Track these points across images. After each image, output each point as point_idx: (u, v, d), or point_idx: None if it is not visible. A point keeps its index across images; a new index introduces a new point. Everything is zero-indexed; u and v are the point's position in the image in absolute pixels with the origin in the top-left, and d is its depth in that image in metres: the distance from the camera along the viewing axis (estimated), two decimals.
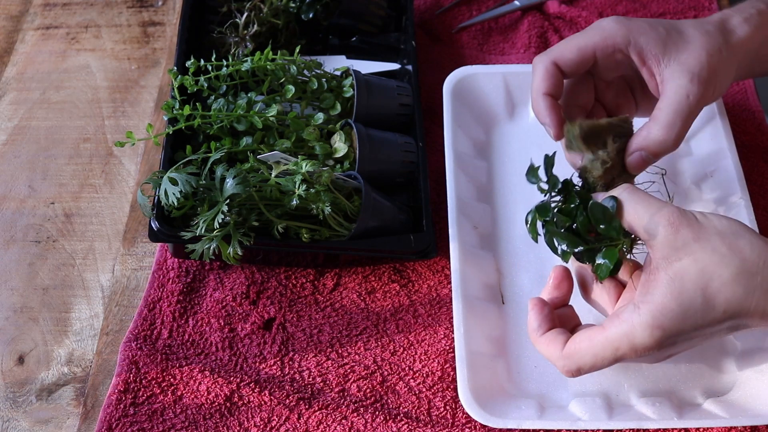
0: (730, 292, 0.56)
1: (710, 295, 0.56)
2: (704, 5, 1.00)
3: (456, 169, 0.79)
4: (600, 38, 0.69)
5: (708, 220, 0.59)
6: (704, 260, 0.56)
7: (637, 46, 0.68)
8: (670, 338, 0.57)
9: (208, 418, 0.70)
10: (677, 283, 0.57)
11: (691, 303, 0.56)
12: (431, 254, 0.75)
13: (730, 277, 0.56)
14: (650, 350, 0.58)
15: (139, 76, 0.96)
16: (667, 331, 0.57)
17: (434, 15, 1.00)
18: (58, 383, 0.74)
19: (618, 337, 0.58)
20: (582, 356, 0.60)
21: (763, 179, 0.84)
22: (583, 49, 0.69)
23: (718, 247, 0.57)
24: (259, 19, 0.87)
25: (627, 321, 0.58)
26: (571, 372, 0.61)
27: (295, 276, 0.78)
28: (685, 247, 0.57)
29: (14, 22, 1.02)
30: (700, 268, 0.56)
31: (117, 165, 0.88)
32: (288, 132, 0.79)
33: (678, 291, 0.57)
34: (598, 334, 0.60)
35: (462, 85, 0.85)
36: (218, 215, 0.68)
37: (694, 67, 0.67)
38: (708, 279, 0.56)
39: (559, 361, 0.61)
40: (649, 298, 0.58)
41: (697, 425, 0.67)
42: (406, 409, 0.71)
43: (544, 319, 0.64)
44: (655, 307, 0.57)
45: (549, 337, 0.63)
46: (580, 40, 0.69)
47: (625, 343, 0.58)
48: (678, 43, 0.68)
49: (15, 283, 0.80)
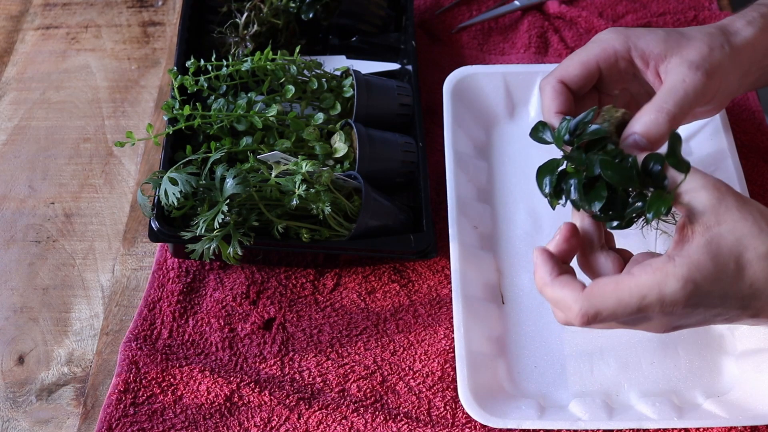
0: (759, 268, 0.56)
1: (742, 264, 0.56)
2: (704, 5, 1.00)
3: (456, 169, 0.79)
4: (600, 49, 0.69)
5: (750, 199, 0.59)
6: (743, 230, 0.56)
7: (638, 49, 0.68)
8: (698, 297, 0.57)
9: (208, 418, 0.70)
10: (714, 245, 0.56)
11: (725, 266, 0.56)
12: (431, 254, 0.75)
13: (764, 253, 0.56)
14: (677, 305, 0.57)
15: (139, 76, 0.96)
16: (699, 287, 0.56)
17: (434, 15, 1.00)
18: (58, 383, 0.74)
19: (649, 284, 0.56)
20: (605, 299, 0.57)
21: (763, 179, 0.84)
22: (586, 63, 0.69)
23: (759, 221, 0.57)
24: (259, 19, 0.87)
25: (660, 270, 0.57)
26: (587, 316, 0.58)
27: (295, 276, 0.78)
28: (727, 212, 0.57)
29: (14, 22, 1.02)
30: (738, 237, 0.56)
31: (117, 165, 0.88)
32: (288, 132, 0.79)
33: (714, 252, 0.56)
34: (626, 278, 0.58)
35: (462, 85, 0.85)
36: (218, 215, 0.68)
37: (694, 57, 0.67)
38: (743, 248, 0.56)
39: (576, 303, 0.58)
40: (684, 252, 0.57)
41: (697, 425, 0.67)
42: (406, 409, 0.71)
43: (556, 264, 0.61)
44: (690, 261, 0.56)
45: (564, 279, 0.60)
46: (581, 55, 0.69)
47: (655, 292, 0.56)
48: (679, 40, 0.68)
49: (15, 283, 0.80)
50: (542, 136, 0.65)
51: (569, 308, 0.59)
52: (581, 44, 0.96)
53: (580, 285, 0.59)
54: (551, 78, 0.69)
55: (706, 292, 0.57)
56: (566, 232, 0.63)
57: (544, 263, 0.61)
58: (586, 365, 0.72)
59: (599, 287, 0.58)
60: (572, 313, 0.59)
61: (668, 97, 0.65)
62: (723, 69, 0.68)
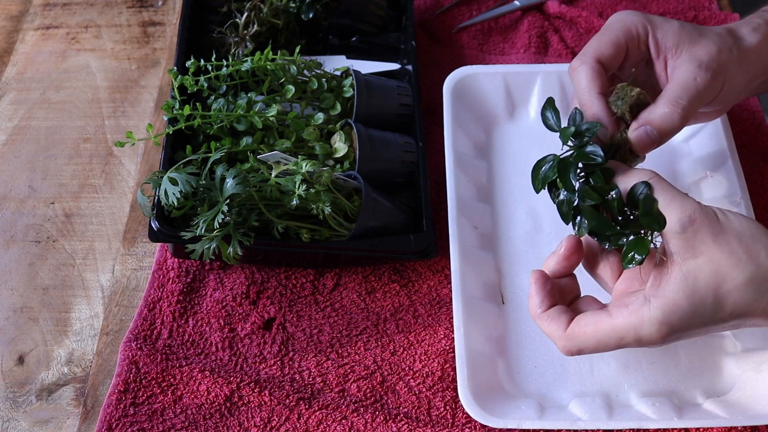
0: (740, 296, 0.56)
1: (721, 296, 0.57)
2: (704, 5, 1.00)
3: (456, 169, 0.79)
4: (626, 30, 0.68)
5: (728, 219, 0.59)
6: (720, 261, 0.57)
7: (654, 36, 0.68)
8: (675, 334, 0.58)
9: (208, 418, 0.70)
10: (690, 281, 0.57)
11: (702, 302, 0.57)
12: (431, 254, 0.75)
13: (743, 282, 0.56)
14: (654, 344, 0.59)
15: (139, 76, 0.96)
16: (675, 328, 0.57)
17: (434, 15, 1.00)
18: (58, 383, 0.74)
19: (625, 328, 0.58)
20: (585, 340, 0.60)
21: (763, 179, 0.84)
22: (616, 44, 0.68)
23: (736, 250, 0.57)
24: (259, 19, 0.87)
25: (636, 313, 0.58)
26: (571, 353, 0.62)
27: (295, 276, 0.78)
28: (702, 245, 0.57)
29: (14, 22, 1.02)
30: (715, 269, 0.57)
31: (117, 165, 0.88)
32: (288, 132, 0.79)
33: (691, 289, 0.57)
34: (604, 320, 0.60)
35: (462, 85, 0.85)
36: (218, 215, 0.68)
37: (703, 57, 0.66)
38: (721, 280, 0.57)
39: (561, 341, 0.62)
40: (660, 293, 0.58)
41: (697, 425, 0.67)
42: (406, 409, 0.71)
43: (547, 295, 0.63)
44: (665, 303, 0.57)
45: (551, 314, 0.62)
46: (611, 35, 0.68)
47: (631, 335, 0.58)
48: (692, 36, 0.68)
49: (15, 283, 0.80)
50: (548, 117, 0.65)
51: (555, 342, 0.63)
52: (581, 44, 0.96)
53: (565, 321, 0.62)
54: (587, 58, 0.67)
55: (684, 328, 0.58)
56: (567, 250, 0.64)
57: (536, 293, 0.64)
58: (586, 365, 0.72)
59: (579, 328, 0.61)
60: (558, 347, 0.63)
61: (682, 93, 0.65)
62: (729, 71, 0.68)
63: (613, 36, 0.68)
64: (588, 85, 0.66)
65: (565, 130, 0.63)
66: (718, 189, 0.79)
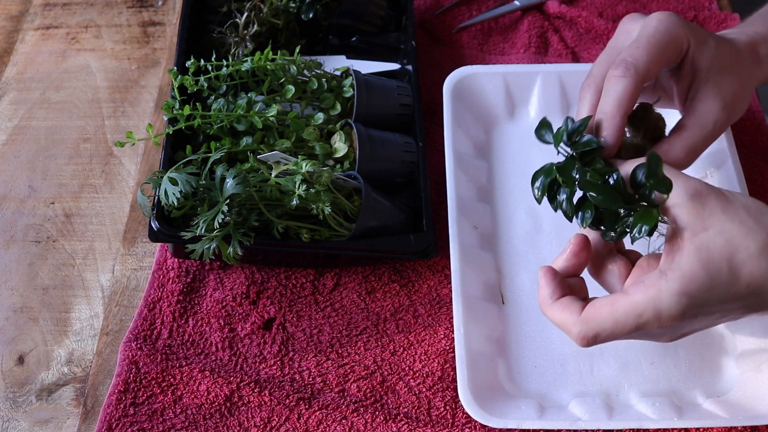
0: (755, 265, 0.56)
1: (736, 266, 0.56)
2: (704, 5, 1.00)
3: (456, 169, 0.79)
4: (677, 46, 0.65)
5: (733, 195, 0.58)
6: (731, 231, 0.56)
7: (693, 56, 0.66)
8: (695, 308, 0.56)
9: (208, 418, 0.70)
10: (704, 252, 0.56)
11: (718, 272, 0.56)
12: (431, 254, 0.75)
13: (756, 251, 0.56)
14: (675, 319, 0.57)
15: (139, 76, 0.96)
16: (694, 299, 0.56)
17: (434, 15, 1.00)
18: (58, 383, 0.74)
19: (643, 303, 0.57)
20: (602, 321, 0.58)
21: (763, 179, 0.84)
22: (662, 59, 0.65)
23: (745, 220, 0.56)
24: (259, 19, 0.87)
25: (653, 286, 0.57)
26: (586, 338, 0.59)
27: (295, 276, 0.78)
28: (711, 217, 0.57)
29: (14, 22, 1.02)
30: (727, 239, 0.56)
31: (117, 165, 0.88)
32: (288, 132, 0.79)
33: (706, 260, 0.56)
34: (621, 298, 0.58)
35: (462, 85, 0.85)
36: (218, 215, 0.68)
37: (727, 95, 0.66)
38: (734, 250, 0.56)
39: (575, 327, 0.59)
40: (675, 265, 0.57)
41: (697, 425, 0.67)
42: (406, 409, 0.71)
43: (557, 285, 0.62)
44: (683, 274, 0.56)
45: (564, 302, 0.60)
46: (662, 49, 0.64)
47: (651, 310, 0.57)
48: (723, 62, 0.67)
49: (15, 283, 0.80)
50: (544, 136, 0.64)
51: (569, 330, 0.60)
52: (581, 44, 0.96)
53: (579, 307, 0.60)
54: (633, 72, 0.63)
55: (703, 301, 0.56)
56: (576, 246, 0.63)
57: (547, 284, 0.62)
58: (586, 365, 0.72)
59: (595, 309, 0.59)
60: (572, 335, 0.60)
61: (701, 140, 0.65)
62: (744, 101, 0.68)
63: (662, 50, 0.65)
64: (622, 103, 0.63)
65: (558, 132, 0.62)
66: None
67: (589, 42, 0.97)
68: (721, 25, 0.97)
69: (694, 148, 0.65)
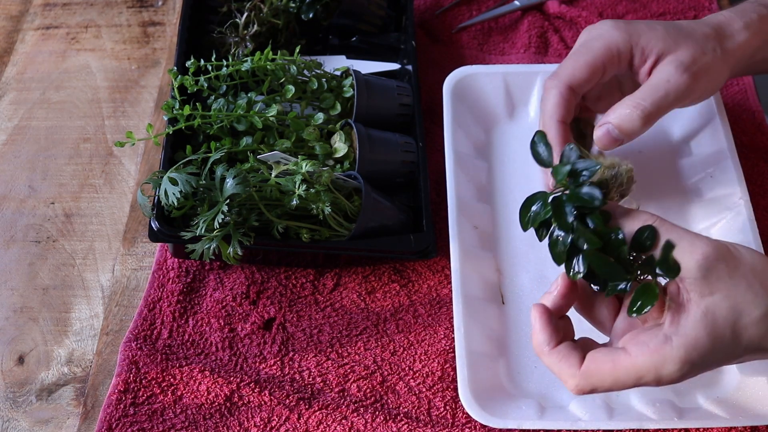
0: (755, 330, 0.56)
1: (738, 331, 0.56)
2: (704, 5, 1.00)
3: (456, 169, 0.79)
4: (605, 48, 0.68)
5: (741, 254, 0.58)
6: (737, 297, 0.56)
7: (639, 46, 0.68)
8: (694, 370, 0.57)
9: (208, 418, 0.70)
10: (710, 317, 0.56)
11: (721, 338, 0.56)
12: (431, 254, 0.75)
13: (759, 316, 0.56)
14: (673, 382, 0.57)
15: (139, 76, 0.96)
16: (695, 365, 0.56)
17: (434, 15, 1.00)
18: (58, 383, 0.74)
19: (646, 367, 0.56)
20: (602, 378, 0.58)
21: (763, 179, 0.84)
22: (592, 66, 0.68)
23: (752, 284, 0.56)
24: (259, 19, 0.87)
25: (658, 352, 0.56)
26: (583, 391, 0.59)
27: (295, 276, 0.78)
28: (719, 281, 0.56)
29: (14, 22, 1.02)
30: (732, 305, 0.56)
31: (117, 165, 0.88)
32: (288, 132, 0.79)
33: (711, 326, 0.56)
34: (623, 358, 0.57)
35: (462, 85, 0.85)
36: (218, 215, 0.68)
37: (684, 59, 0.67)
38: (738, 315, 0.56)
39: (573, 379, 0.58)
40: (681, 331, 0.56)
41: (697, 425, 0.67)
42: (406, 409, 0.71)
43: (554, 330, 0.60)
44: (688, 341, 0.56)
45: (561, 351, 0.59)
46: (587, 57, 0.68)
47: (652, 374, 0.56)
48: (676, 39, 0.68)
49: (15, 283, 0.80)
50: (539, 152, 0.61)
51: (565, 381, 0.59)
52: None
53: (577, 359, 0.59)
54: (558, 82, 0.68)
55: (703, 364, 0.57)
56: (564, 288, 0.61)
57: (542, 329, 0.60)
58: None
59: (596, 366, 0.58)
60: (568, 385, 0.59)
61: (647, 94, 0.66)
62: (711, 71, 0.68)
63: (590, 57, 0.68)
64: (551, 111, 0.68)
65: (559, 168, 0.59)
66: (718, 189, 0.79)
67: None
68: None
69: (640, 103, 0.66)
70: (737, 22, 0.71)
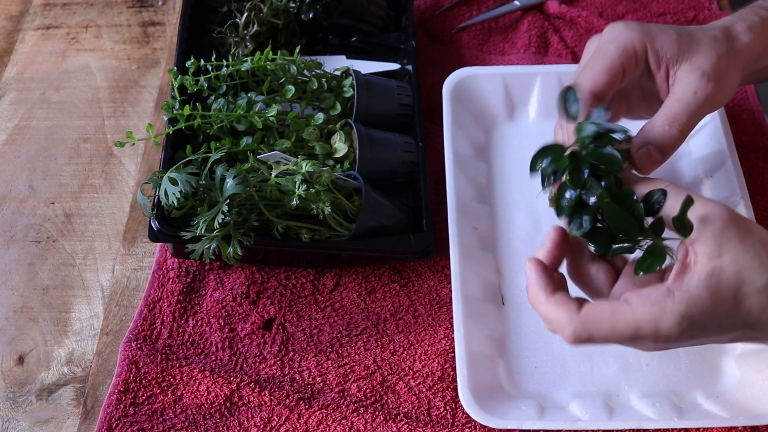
0: (755, 301, 0.56)
1: (740, 297, 0.56)
2: (704, 5, 1.00)
3: (456, 170, 0.79)
4: (622, 50, 0.66)
5: (753, 225, 0.58)
6: (744, 263, 0.56)
7: (653, 49, 0.67)
8: (692, 331, 0.57)
9: (208, 418, 0.70)
10: (714, 279, 0.56)
11: (723, 301, 0.56)
12: (431, 254, 0.75)
13: (762, 286, 0.56)
14: (671, 340, 0.57)
15: (139, 76, 0.96)
16: (695, 324, 0.56)
17: (434, 15, 1.00)
18: (58, 383, 0.74)
19: (645, 318, 0.56)
20: (600, 325, 0.57)
21: (763, 179, 0.84)
22: (612, 70, 0.66)
23: (760, 254, 0.56)
24: (259, 19, 0.87)
25: (658, 304, 0.56)
26: (580, 338, 0.58)
27: (295, 276, 0.78)
28: (729, 243, 0.56)
29: (14, 22, 1.02)
30: (738, 270, 0.56)
31: (117, 165, 0.88)
32: (288, 132, 0.79)
33: (714, 287, 0.56)
34: (623, 308, 0.57)
35: (462, 86, 0.85)
36: (218, 215, 0.68)
37: (704, 66, 0.66)
38: (742, 282, 0.56)
39: (571, 326, 0.58)
40: (684, 287, 0.56)
41: (697, 425, 0.67)
42: (406, 409, 0.71)
43: (550, 279, 0.60)
44: (690, 297, 0.56)
45: (559, 298, 0.59)
46: (606, 61, 0.66)
47: (651, 326, 0.56)
48: (690, 44, 0.67)
49: (15, 283, 0.80)
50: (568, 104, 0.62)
51: (562, 328, 0.59)
52: (581, 44, 0.96)
53: (575, 306, 0.59)
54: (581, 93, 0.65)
55: (701, 327, 0.56)
56: (556, 238, 0.62)
57: (538, 279, 0.60)
58: (586, 366, 0.72)
59: (595, 312, 0.58)
60: (564, 333, 0.59)
61: (682, 109, 0.65)
62: (729, 74, 0.67)
63: (608, 61, 0.66)
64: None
65: (584, 124, 0.60)
66: (718, 189, 0.79)
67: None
68: None
69: (677, 119, 0.64)
70: (739, 24, 0.70)
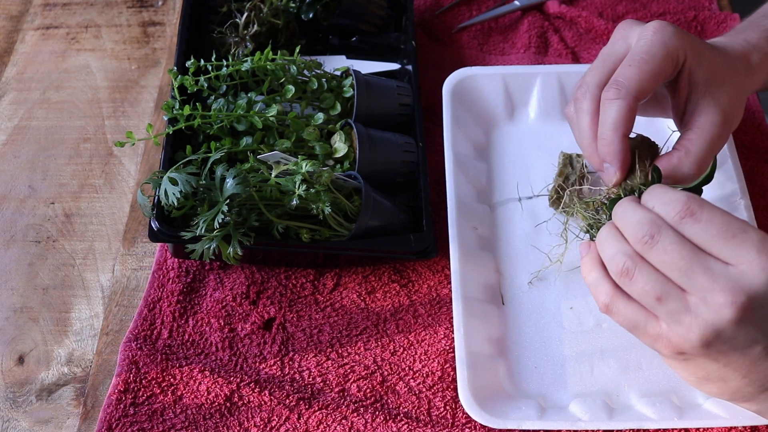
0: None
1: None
2: (704, 5, 1.00)
3: (456, 170, 0.79)
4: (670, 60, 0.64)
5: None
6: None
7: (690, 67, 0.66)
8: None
9: (208, 418, 0.70)
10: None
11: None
12: (431, 254, 0.75)
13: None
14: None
15: (139, 76, 0.96)
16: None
17: (434, 15, 1.00)
18: (58, 383, 0.74)
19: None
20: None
21: (763, 179, 0.84)
22: (657, 77, 0.64)
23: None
24: (259, 19, 0.87)
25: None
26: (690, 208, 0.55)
27: (295, 276, 0.78)
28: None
29: (14, 22, 1.02)
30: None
31: (117, 165, 0.88)
32: (288, 132, 0.79)
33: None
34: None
35: (462, 86, 0.85)
36: (218, 215, 0.68)
37: (726, 107, 0.65)
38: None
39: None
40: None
41: (697, 425, 0.67)
42: (406, 409, 0.71)
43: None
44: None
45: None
46: (654, 66, 0.63)
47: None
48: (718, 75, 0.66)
49: (15, 283, 0.80)
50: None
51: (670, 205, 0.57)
52: (581, 44, 0.96)
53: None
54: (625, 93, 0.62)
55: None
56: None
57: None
58: (586, 366, 0.72)
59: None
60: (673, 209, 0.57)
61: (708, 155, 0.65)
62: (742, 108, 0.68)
63: (657, 68, 0.63)
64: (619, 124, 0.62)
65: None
66: (718, 189, 0.79)
67: (589, 42, 0.97)
68: (721, 25, 0.97)
69: (703, 163, 0.65)
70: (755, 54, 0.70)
